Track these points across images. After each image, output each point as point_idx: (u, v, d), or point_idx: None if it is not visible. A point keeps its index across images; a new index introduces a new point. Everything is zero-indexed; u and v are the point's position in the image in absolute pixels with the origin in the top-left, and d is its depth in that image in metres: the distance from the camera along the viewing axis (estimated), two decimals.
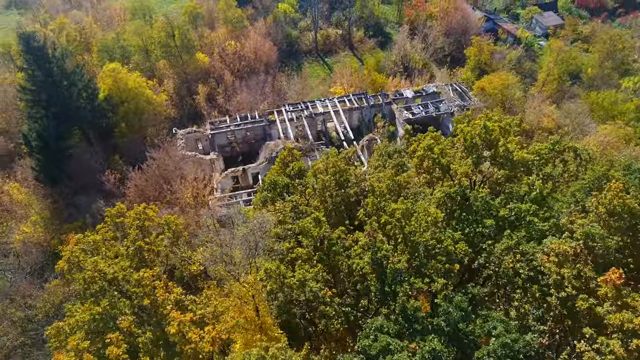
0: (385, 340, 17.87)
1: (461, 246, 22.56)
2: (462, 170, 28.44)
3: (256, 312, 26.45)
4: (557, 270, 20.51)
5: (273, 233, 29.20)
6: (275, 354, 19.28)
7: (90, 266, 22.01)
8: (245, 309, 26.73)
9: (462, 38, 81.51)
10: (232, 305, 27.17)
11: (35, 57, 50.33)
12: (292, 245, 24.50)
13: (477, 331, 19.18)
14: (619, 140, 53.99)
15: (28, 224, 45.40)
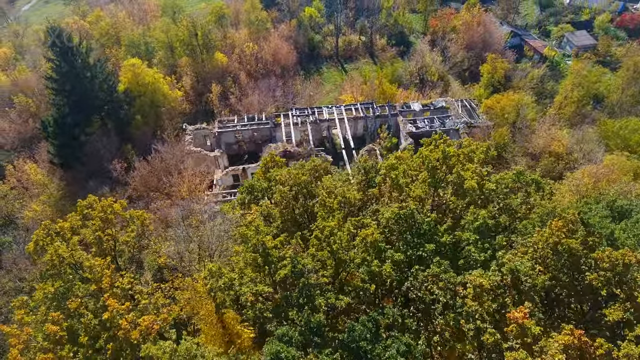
0: (276, 347, 19.34)
1: (387, 267, 23.46)
2: (416, 193, 29.14)
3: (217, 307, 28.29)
4: (471, 302, 21.07)
5: (237, 234, 31.06)
6: (189, 348, 21.15)
7: (51, 250, 24.82)
8: (204, 303, 28.76)
9: (483, 53, 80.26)
10: (190, 299, 29.38)
11: (61, 50, 54.68)
12: (241, 249, 26.26)
13: (377, 351, 20.16)
14: (624, 173, 52.15)
15: (38, 202, 49.79)
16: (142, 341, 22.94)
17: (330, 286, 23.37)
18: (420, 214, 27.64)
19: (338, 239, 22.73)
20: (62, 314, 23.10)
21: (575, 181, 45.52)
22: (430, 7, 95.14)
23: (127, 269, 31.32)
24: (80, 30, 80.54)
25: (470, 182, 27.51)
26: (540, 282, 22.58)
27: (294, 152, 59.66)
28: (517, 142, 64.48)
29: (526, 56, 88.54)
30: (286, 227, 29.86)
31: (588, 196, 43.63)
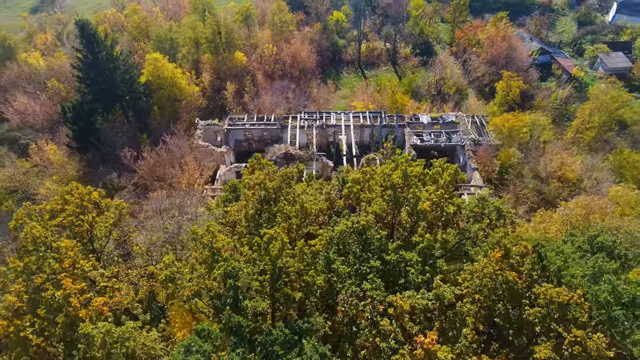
0: (189, 341, 20.86)
1: (320, 279, 24.39)
2: (373, 209, 29.82)
3: (168, 297, 30.48)
4: (386, 321, 21.70)
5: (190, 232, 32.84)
6: (124, 331, 23.11)
7: (27, 229, 27.64)
8: (159, 292, 30.98)
9: (505, 69, 78.41)
10: (152, 285, 31.77)
11: (87, 42, 58.78)
12: (191, 245, 28.10)
13: (290, 357, 21.23)
14: (630, 206, 50.07)
15: (51, 181, 54.06)
16: (95, 320, 25.26)
17: (266, 290, 24.70)
18: (372, 230, 28.38)
19: (273, 247, 23.98)
20: (27, 288, 25.82)
21: (566, 210, 44.26)
22: (458, 17, 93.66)
23: (106, 254, 34.08)
24: (116, 22, 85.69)
25: (422, 204, 27.88)
26: (465, 310, 22.85)
27: (295, 154, 61.11)
28: (527, 163, 63.00)
29: (554, 75, 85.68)
30: (250, 231, 31.38)
31: (577, 227, 42.52)
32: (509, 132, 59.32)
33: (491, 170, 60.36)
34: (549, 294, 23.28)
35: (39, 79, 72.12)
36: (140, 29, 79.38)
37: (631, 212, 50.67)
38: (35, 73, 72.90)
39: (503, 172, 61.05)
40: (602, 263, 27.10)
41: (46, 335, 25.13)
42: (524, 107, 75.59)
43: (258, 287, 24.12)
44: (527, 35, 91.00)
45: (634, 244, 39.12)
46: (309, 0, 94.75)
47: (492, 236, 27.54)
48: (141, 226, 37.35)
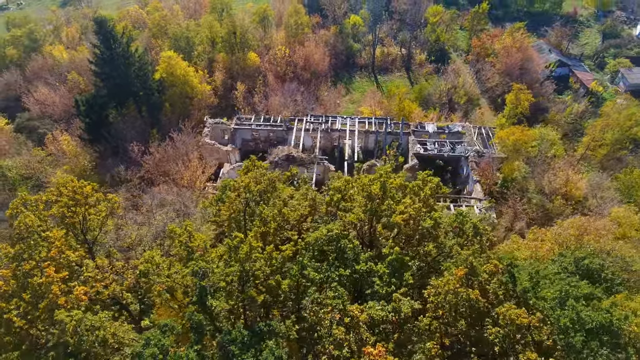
0: (149, 334, 21.98)
1: (285, 284, 25.15)
2: (349, 219, 30.38)
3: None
4: (339, 330, 22.29)
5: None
6: (95, 320, 24.46)
7: (21, 217, 29.49)
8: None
9: (518, 80, 77.19)
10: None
11: (104, 38, 61.19)
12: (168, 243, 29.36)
13: (246, 357, 22.09)
14: (635, 228, 48.83)
15: (62, 171, 56.65)
16: (77, 307, 26.84)
17: (235, 291, 25.68)
18: (345, 240, 28.98)
19: (241, 250, 24.91)
20: (17, 273, 27.62)
21: (560, 230, 43.59)
22: (477, 26, 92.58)
23: (101, 245, 35.91)
24: (137, 18, 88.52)
25: (396, 217, 28.26)
26: (422, 325, 23.21)
27: (297, 157, 62.01)
28: (533, 178, 62.09)
29: (571, 88, 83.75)
30: (232, 231, 32.45)
31: (569, 248, 41.86)
32: (513, 146, 58.58)
33: (492, 183, 59.75)
34: (509, 315, 23.38)
35: (60, 71, 75.33)
36: (159, 27, 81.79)
37: (635, 234, 49.48)
38: (58, 65, 76.21)
39: (506, 185, 60.33)
40: (570, 287, 26.85)
41: (29, 318, 26.85)
42: (536, 120, 74.39)
43: (227, 288, 25.11)
44: (546, 46, 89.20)
45: (625, 269, 38.41)
46: (327, 4, 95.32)
47: (461, 253, 27.66)
48: (139, 221, 38.97)
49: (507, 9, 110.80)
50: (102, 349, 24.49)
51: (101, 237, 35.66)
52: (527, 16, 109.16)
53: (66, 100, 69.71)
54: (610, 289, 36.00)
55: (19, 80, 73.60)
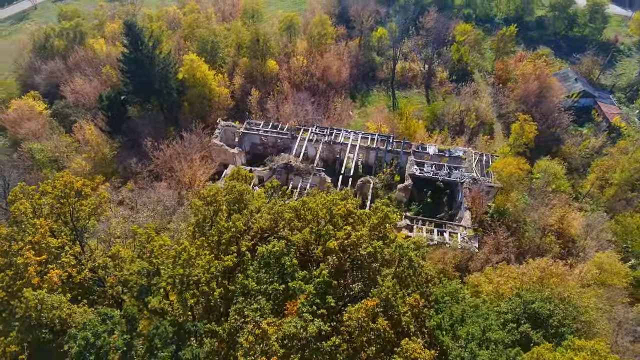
0: (87, 319, 25.73)
1: (218, 291, 28.10)
2: (295, 238, 32.94)
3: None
4: (247, 340, 25.01)
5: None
6: (54, 300, 28.57)
7: (17, 204, 34.38)
8: None
9: (534, 109, 75.99)
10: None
11: (132, 39, 66.80)
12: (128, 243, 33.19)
13: (164, 351, 25.28)
14: (619, 276, 48.01)
15: (81, 158, 62.83)
16: (49, 288, 31.37)
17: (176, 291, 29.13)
18: (286, 257, 31.65)
19: (181, 256, 28.14)
20: (5, 250, 32.58)
21: (524, 270, 43.77)
22: (503, 48, 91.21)
23: (92, 234, 40.62)
24: (174, 18, 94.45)
25: (331, 242, 30.52)
26: (326, 345, 25.51)
27: (295, 166, 64.92)
28: (530, 210, 61.62)
29: (593, 121, 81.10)
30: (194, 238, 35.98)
31: (529, 289, 42.07)
32: (507, 178, 58.46)
33: (483, 212, 59.95)
34: (408, 349, 25.19)
35: (97, 63, 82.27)
36: (191, 29, 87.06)
37: (617, 282, 48.61)
38: (97, 58, 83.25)
39: (497, 215, 60.28)
40: (487, 331, 28.06)
41: (9, 291, 31.60)
42: (549, 151, 73.01)
43: (167, 288, 28.59)
44: (572, 74, 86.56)
45: (577, 319, 38.40)
46: (355, 15, 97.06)
47: (382, 285, 29.48)
48: (125, 215, 43.55)
49: (543, 31, 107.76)
50: (60, 326, 28.66)
51: (91, 225, 40.33)
52: (564, 40, 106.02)
53: (98, 92, 76.22)
54: (556, 335, 36.52)
55: (61, 69, 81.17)
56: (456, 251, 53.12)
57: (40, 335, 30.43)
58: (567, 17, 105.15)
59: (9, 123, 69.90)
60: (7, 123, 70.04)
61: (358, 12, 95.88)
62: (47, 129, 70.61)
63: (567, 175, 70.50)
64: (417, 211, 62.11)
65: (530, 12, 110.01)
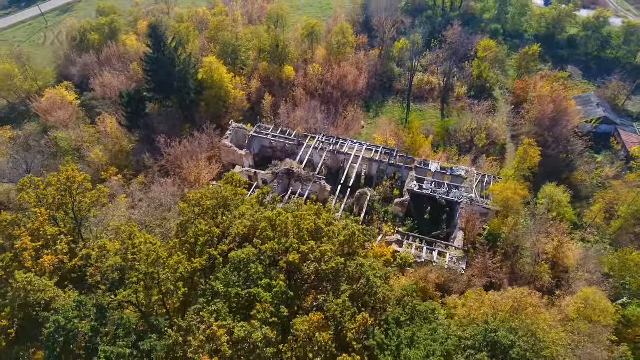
0: (61, 304, 28.75)
1: (183, 290, 30.58)
2: (265, 247, 35.01)
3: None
4: (196, 339, 27.33)
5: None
6: (41, 285, 31.97)
7: (23, 193, 38.29)
8: None
9: (547, 133, 74.64)
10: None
11: (155, 41, 70.83)
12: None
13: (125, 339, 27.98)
14: (602, 315, 47.27)
15: (98, 150, 67.45)
16: (41, 272, 35.01)
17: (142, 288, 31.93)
18: (254, 264, 33.83)
19: (150, 256, 30.83)
20: (9, 234, 36.51)
21: (497, 297, 43.96)
22: (526, 65, 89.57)
23: (93, 224, 44.40)
24: (203, 19, 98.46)
25: (292, 255, 32.36)
26: (268, 351, 27.48)
27: (296, 172, 66.94)
28: (523, 237, 61.17)
29: (611, 149, 78.62)
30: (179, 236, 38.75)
31: (499, 317, 42.34)
32: (503, 203, 58.23)
33: (477, 234, 59.95)
34: None
35: (127, 59, 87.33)
36: (216, 30, 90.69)
37: (602, 320, 47.76)
38: (127, 54, 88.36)
39: (490, 238, 60.07)
40: (432, 357, 29.13)
41: (8, 271, 35.46)
42: (558, 176, 71.59)
43: (136, 283, 31.46)
44: (595, 99, 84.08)
45: (539, 355, 38.43)
46: (378, 25, 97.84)
47: (332, 301, 31.03)
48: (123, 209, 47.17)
49: (574, 51, 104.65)
50: (45, 307, 32.11)
51: (94, 215, 44.06)
52: (595, 61, 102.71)
53: (124, 87, 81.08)
54: None
55: (94, 62, 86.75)
56: (442, 271, 53.62)
57: (32, 313, 34.04)
58: (600, 38, 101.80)
59: (42, 111, 75.67)
60: (39, 111, 75.84)
61: (381, 22, 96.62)
62: (75, 119, 75.94)
63: (575, 203, 69.24)
64: (411, 227, 62.75)
65: (562, 30, 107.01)
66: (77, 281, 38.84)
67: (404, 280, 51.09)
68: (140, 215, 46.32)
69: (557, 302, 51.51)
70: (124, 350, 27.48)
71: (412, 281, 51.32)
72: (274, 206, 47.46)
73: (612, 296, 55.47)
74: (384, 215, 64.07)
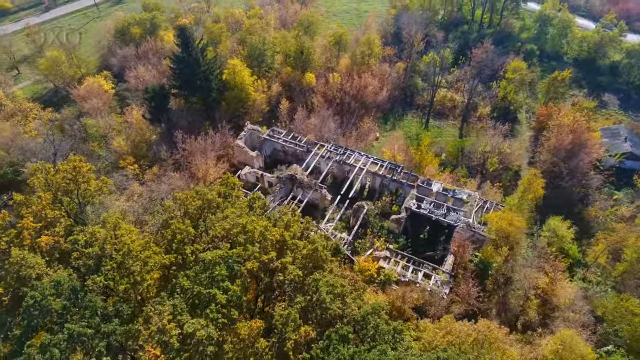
0: (41, 284, 32.61)
1: (150, 282, 33.61)
2: (232, 252, 37.44)
3: None
4: (153, 330, 30.19)
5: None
6: (32, 262, 36.06)
7: (33, 178, 43.04)
8: None
9: (563, 164, 72.25)
10: None
11: (183, 42, 75.21)
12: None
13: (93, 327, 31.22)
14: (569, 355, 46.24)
15: (120, 139, 72.77)
16: (33, 250, 39.45)
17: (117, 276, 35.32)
18: (218, 266, 36.41)
19: (124, 248, 34.12)
20: (18, 213, 41.29)
21: (463, 327, 43.96)
22: (554, 91, 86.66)
23: (94, 209, 48.82)
24: (237, 21, 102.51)
25: (250, 263, 34.57)
26: (209, 351, 29.91)
27: (299, 179, 69.05)
28: (516, 269, 60.32)
29: (634, 187, 74.84)
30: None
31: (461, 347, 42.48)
32: (496, 233, 57.55)
33: (467, 260, 59.59)
34: None
35: (161, 54, 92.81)
36: (247, 33, 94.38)
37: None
38: (163, 49, 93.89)
39: (481, 266, 59.54)
40: None
41: (10, 245, 40.17)
42: (570, 210, 69.32)
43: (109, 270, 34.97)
44: (624, 132, 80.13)
45: None
46: (407, 37, 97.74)
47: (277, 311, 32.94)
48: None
49: (615, 78, 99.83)
50: (36, 281, 36.31)
51: (99, 202, 48.48)
52: (636, 91, 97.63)
53: (154, 81, 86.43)
54: None
55: (132, 55, 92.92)
56: (423, 293, 53.99)
57: (26, 283, 38.37)
58: None
59: (78, 97, 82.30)
60: (76, 97, 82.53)
61: (410, 34, 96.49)
62: (107, 108, 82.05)
63: (583, 240, 66.94)
64: (404, 245, 63.17)
65: (604, 55, 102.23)
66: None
67: (381, 297, 52.10)
68: (138, 208, 50.24)
69: (537, 340, 50.66)
70: (85, 330, 30.88)
71: (389, 299, 52.28)
72: (261, 212, 50.01)
73: (600, 341, 53.74)
74: (380, 230, 64.91)
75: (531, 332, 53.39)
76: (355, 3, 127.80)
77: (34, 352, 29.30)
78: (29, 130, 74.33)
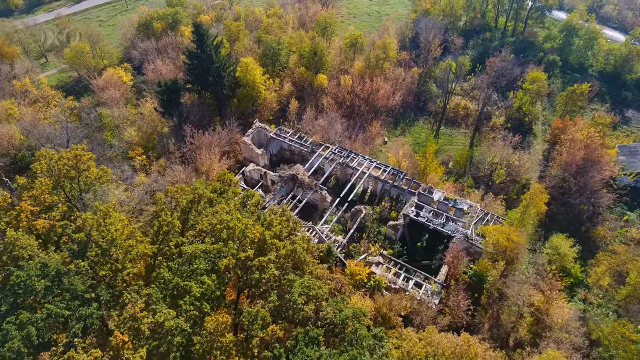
0: (29, 263, 34.18)
1: (133, 270, 34.90)
2: (214, 247, 38.30)
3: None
4: (126, 318, 31.41)
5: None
6: (25, 244, 37.91)
7: (36, 164, 45.21)
8: None
9: (573, 180, 70.09)
10: None
11: (198, 38, 76.89)
12: None
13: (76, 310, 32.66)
14: None
15: (131, 130, 75.08)
16: (27, 232, 41.47)
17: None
18: (198, 260, 37.38)
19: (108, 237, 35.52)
20: (20, 196, 43.47)
21: (443, 340, 43.34)
22: (572, 105, 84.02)
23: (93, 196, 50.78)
24: (256, 19, 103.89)
25: (226, 260, 35.28)
26: (175, 341, 30.81)
27: (300, 179, 69.52)
28: (512, 284, 59.01)
29: None
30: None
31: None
32: (493, 246, 56.44)
33: (461, 271, 58.67)
34: None
35: (180, 49, 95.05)
36: (264, 32, 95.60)
37: None
38: (182, 44, 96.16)
39: (476, 279, 58.54)
40: None
41: (9, 226, 42.35)
42: (576, 228, 67.30)
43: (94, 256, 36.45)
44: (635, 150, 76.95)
45: None
46: (424, 43, 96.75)
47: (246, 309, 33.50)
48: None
49: None
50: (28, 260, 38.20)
51: (99, 188, 50.41)
52: None
53: (170, 75, 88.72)
54: None
55: (152, 48, 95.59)
56: (412, 301, 53.55)
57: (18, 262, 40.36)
58: None
59: (98, 88, 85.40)
60: (96, 88, 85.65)
61: (428, 40, 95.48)
62: (124, 99, 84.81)
63: (588, 260, 64.79)
64: (399, 252, 62.73)
65: (631, 70, 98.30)
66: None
67: (367, 302, 52.01)
68: (135, 198, 51.96)
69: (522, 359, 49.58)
70: (63, 312, 32.34)
71: (376, 305, 52.15)
72: (255, 209, 50.78)
73: None
74: (376, 235, 64.70)
75: (521, 350, 52.20)
76: (377, 6, 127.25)
77: (12, 329, 30.92)
78: (48, 116, 77.64)
